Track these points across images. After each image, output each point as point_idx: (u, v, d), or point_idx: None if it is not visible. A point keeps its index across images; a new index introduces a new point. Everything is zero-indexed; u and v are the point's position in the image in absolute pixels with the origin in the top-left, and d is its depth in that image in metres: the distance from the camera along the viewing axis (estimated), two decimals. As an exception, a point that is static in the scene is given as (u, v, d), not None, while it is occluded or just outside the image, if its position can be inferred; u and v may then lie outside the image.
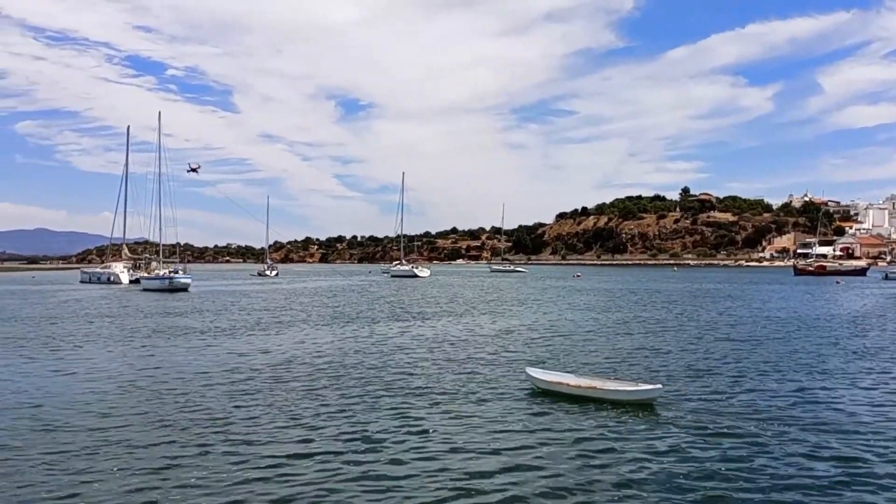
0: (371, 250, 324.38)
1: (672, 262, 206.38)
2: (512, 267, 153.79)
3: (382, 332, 29.29)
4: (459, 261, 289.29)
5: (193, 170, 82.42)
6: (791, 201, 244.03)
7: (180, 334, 28.44)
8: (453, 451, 11.13)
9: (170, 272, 72.95)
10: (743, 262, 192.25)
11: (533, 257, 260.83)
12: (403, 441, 11.67)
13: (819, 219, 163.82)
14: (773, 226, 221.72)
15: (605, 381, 15.74)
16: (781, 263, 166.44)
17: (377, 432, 12.19)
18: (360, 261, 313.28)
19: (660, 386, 14.91)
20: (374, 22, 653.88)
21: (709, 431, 12.13)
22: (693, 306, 42.94)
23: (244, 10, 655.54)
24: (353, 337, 27.29)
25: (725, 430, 12.17)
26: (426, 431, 12.27)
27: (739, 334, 27.39)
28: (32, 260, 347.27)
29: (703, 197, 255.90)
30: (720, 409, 13.89)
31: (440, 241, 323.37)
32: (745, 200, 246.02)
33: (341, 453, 11.03)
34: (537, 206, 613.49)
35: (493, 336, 27.42)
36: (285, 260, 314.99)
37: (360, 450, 11.18)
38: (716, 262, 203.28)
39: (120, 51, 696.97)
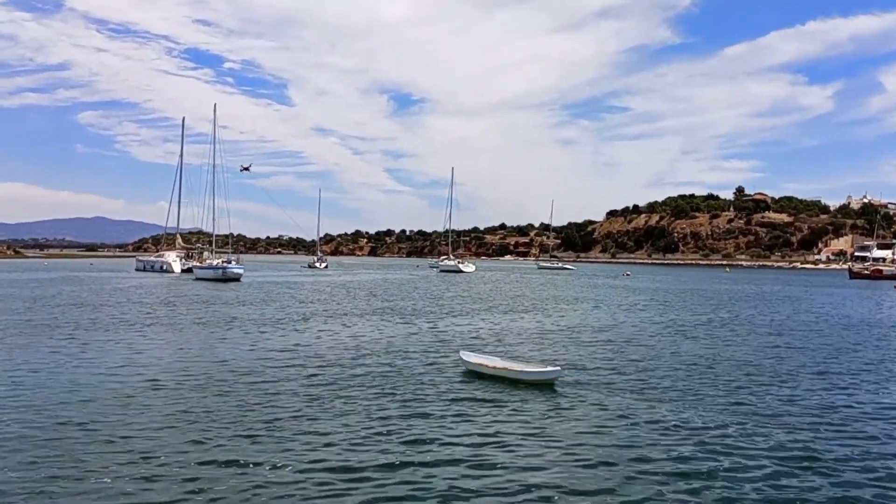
0: (419, 244, 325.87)
1: (724, 262, 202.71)
2: (560, 264, 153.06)
3: (420, 326, 29.74)
4: (507, 257, 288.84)
5: (246, 168, 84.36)
6: (849, 203, 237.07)
7: (236, 325, 29.26)
8: (383, 419, 12.79)
9: (223, 262, 74.55)
10: (798, 265, 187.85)
11: (582, 255, 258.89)
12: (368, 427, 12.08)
13: (878, 221, 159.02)
14: (829, 228, 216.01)
15: (517, 363, 17.61)
16: (837, 266, 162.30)
17: (396, 420, 12.69)
18: (409, 255, 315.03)
19: (559, 368, 16.64)
20: (428, 19, 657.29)
21: (602, 406, 14.08)
22: (740, 310, 42.44)
23: (300, 6, 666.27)
24: (391, 329, 27.87)
25: (620, 409, 13.85)
26: (384, 419, 12.81)
27: (763, 341, 27.09)
28: (90, 247, 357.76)
29: (757, 197, 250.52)
30: (619, 387, 15.84)
31: (488, 237, 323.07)
32: (801, 201, 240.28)
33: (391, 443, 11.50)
34: (587, 203, 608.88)
35: (524, 335, 27.41)
36: (335, 252, 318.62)
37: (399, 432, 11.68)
38: (770, 263, 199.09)
39: (179, 44, 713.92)
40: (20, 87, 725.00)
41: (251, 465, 10.07)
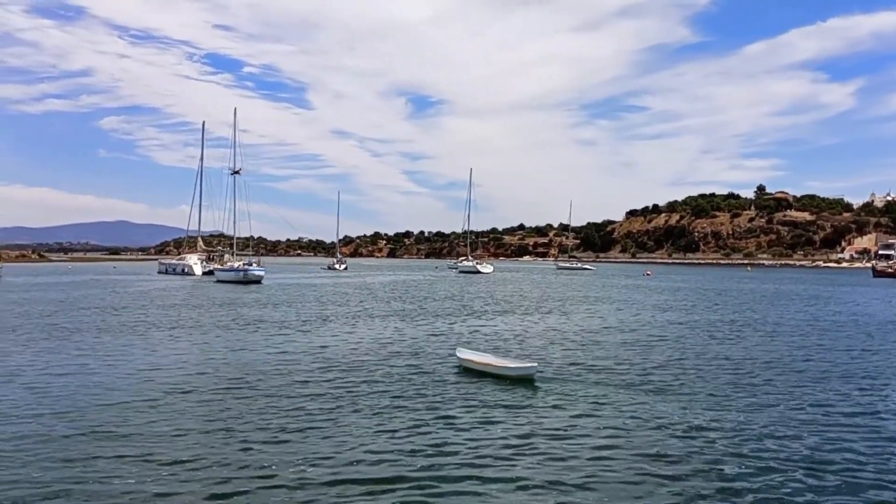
0: (438, 246, 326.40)
1: (746, 261, 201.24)
2: (579, 264, 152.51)
3: (435, 327, 29.84)
4: (526, 257, 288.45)
5: (236, 172, 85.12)
6: (873, 200, 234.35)
7: (260, 327, 29.56)
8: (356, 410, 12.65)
9: (244, 265, 75.11)
10: (820, 263, 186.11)
11: (601, 255, 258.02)
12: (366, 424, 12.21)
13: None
14: (853, 226, 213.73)
15: (500, 359, 18.76)
16: (860, 265, 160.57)
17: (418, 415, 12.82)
18: (427, 256, 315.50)
19: (535, 364, 17.61)
20: (446, 20, 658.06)
21: (577, 400, 14.81)
22: (765, 309, 42.16)
23: (319, 9, 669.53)
24: (411, 331, 27.99)
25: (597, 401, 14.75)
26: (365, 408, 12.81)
27: (769, 346, 26.90)
28: (114, 251, 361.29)
29: (779, 195, 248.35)
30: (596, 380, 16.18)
31: (507, 238, 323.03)
32: (823, 199, 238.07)
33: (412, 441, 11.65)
34: (607, 203, 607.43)
35: (542, 336, 27.43)
36: (354, 254, 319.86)
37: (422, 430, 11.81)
38: (792, 262, 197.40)
39: (200, 49, 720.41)
40: (44, 93, 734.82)
41: (279, 469, 10.17)
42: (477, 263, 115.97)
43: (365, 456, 10.73)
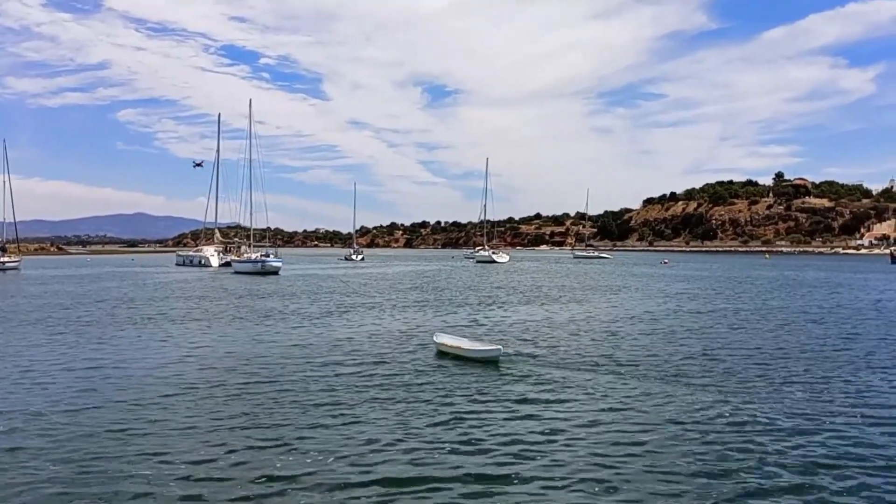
0: (454, 235, 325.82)
1: (764, 248, 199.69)
2: (596, 253, 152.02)
3: (449, 317, 29.90)
4: (543, 247, 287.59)
5: (198, 164, 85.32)
6: (892, 186, 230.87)
7: (280, 318, 29.81)
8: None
9: (261, 256, 75.44)
10: (839, 250, 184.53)
11: (619, 243, 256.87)
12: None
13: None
14: (872, 212, 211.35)
15: (468, 342, 19.90)
16: (879, 251, 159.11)
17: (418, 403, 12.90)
18: (444, 246, 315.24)
19: (499, 347, 18.82)
20: (464, 9, 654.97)
21: (538, 380, 15.87)
22: (787, 297, 41.89)
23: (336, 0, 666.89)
24: (421, 320, 28.08)
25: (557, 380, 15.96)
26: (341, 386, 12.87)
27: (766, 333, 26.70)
28: (132, 243, 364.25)
29: (797, 182, 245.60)
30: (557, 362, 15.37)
31: (524, 227, 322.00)
32: (842, 186, 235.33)
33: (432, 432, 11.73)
34: (624, 191, 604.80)
35: (541, 327, 27.51)
36: (371, 245, 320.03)
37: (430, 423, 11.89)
38: (811, 249, 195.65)
39: (216, 40, 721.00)
40: (61, 86, 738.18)
41: (302, 467, 10.26)
42: (493, 253, 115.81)
43: (389, 450, 10.81)
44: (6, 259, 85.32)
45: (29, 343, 21.72)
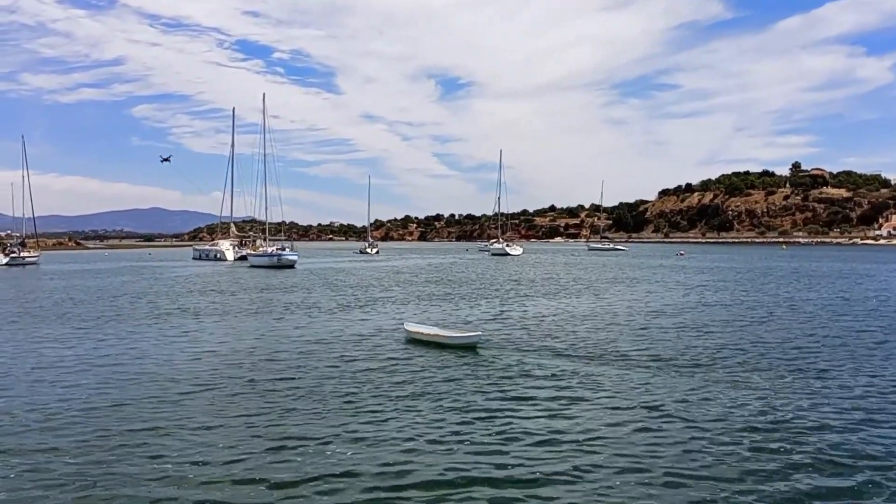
0: (468, 228, 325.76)
1: (781, 240, 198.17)
2: (611, 245, 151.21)
3: (469, 310, 29.79)
4: (557, 239, 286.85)
5: (166, 159, 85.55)
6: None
7: (299, 311, 29.81)
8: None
9: (277, 249, 75.65)
10: (857, 241, 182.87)
11: (634, 235, 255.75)
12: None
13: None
14: (890, 202, 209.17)
15: (445, 330, 20.58)
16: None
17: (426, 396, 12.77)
18: (458, 238, 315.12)
19: (479, 333, 19.65)
20: (476, 2, 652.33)
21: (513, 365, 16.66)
22: (809, 288, 41.44)
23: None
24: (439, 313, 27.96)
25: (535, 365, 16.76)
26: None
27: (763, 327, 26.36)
28: (148, 238, 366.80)
29: (814, 172, 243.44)
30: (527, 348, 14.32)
31: (538, 219, 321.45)
32: (860, 175, 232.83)
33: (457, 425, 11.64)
34: (639, 183, 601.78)
35: (546, 318, 27.35)
36: (385, 238, 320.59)
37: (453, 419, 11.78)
38: (828, 240, 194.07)
39: (230, 35, 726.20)
40: (77, 82, 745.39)
41: (324, 468, 10.20)
42: (506, 245, 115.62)
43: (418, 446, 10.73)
44: (26, 254, 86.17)
45: (51, 338, 21.79)
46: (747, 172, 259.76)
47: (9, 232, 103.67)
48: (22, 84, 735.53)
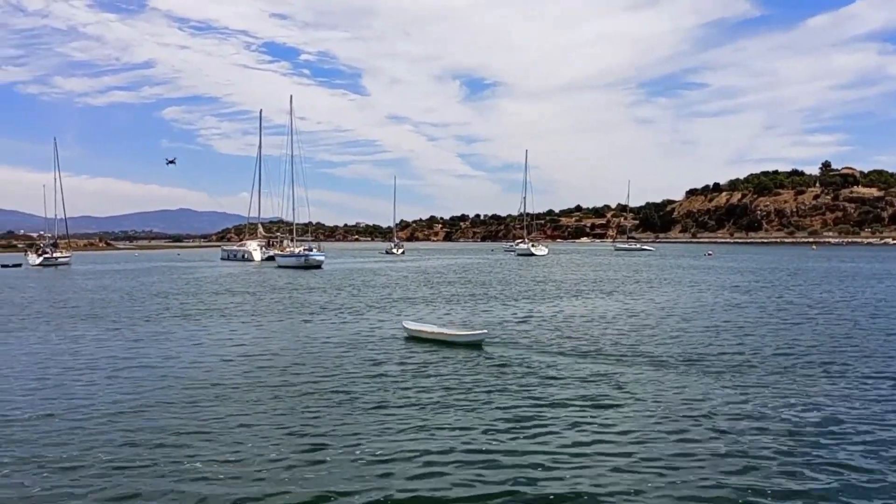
0: (494, 228, 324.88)
1: (811, 240, 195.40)
2: (638, 245, 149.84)
3: (493, 309, 29.69)
4: (583, 239, 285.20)
5: (171, 161, 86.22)
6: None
7: (327, 312, 29.95)
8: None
9: (304, 250, 76.06)
10: (889, 241, 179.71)
11: (661, 235, 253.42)
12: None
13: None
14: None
15: (451, 328, 20.88)
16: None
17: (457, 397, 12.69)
18: (483, 239, 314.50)
19: (485, 331, 19.86)
20: (502, 2, 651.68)
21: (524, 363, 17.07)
22: (844, 289, 40.81)
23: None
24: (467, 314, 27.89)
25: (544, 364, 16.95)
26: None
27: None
28: (177, 238, 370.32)
29: (845, 171, 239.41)
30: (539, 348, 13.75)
31: (564, 219, 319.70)
32: (891, 174, 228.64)
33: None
34: (666, 182, 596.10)
35: (568, 321, 27.12)
36: (411, 238, 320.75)
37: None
38: (859, 240, 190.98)
39: (257, 38, 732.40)
40: (108, 85, 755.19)
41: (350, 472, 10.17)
42: (532, 246, 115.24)
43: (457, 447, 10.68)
44: (58, 254, 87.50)
45: (85, 338, 22.07)
46: (776, 172, 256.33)
47: (41, 233, 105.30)
48: (54, 87, 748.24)
